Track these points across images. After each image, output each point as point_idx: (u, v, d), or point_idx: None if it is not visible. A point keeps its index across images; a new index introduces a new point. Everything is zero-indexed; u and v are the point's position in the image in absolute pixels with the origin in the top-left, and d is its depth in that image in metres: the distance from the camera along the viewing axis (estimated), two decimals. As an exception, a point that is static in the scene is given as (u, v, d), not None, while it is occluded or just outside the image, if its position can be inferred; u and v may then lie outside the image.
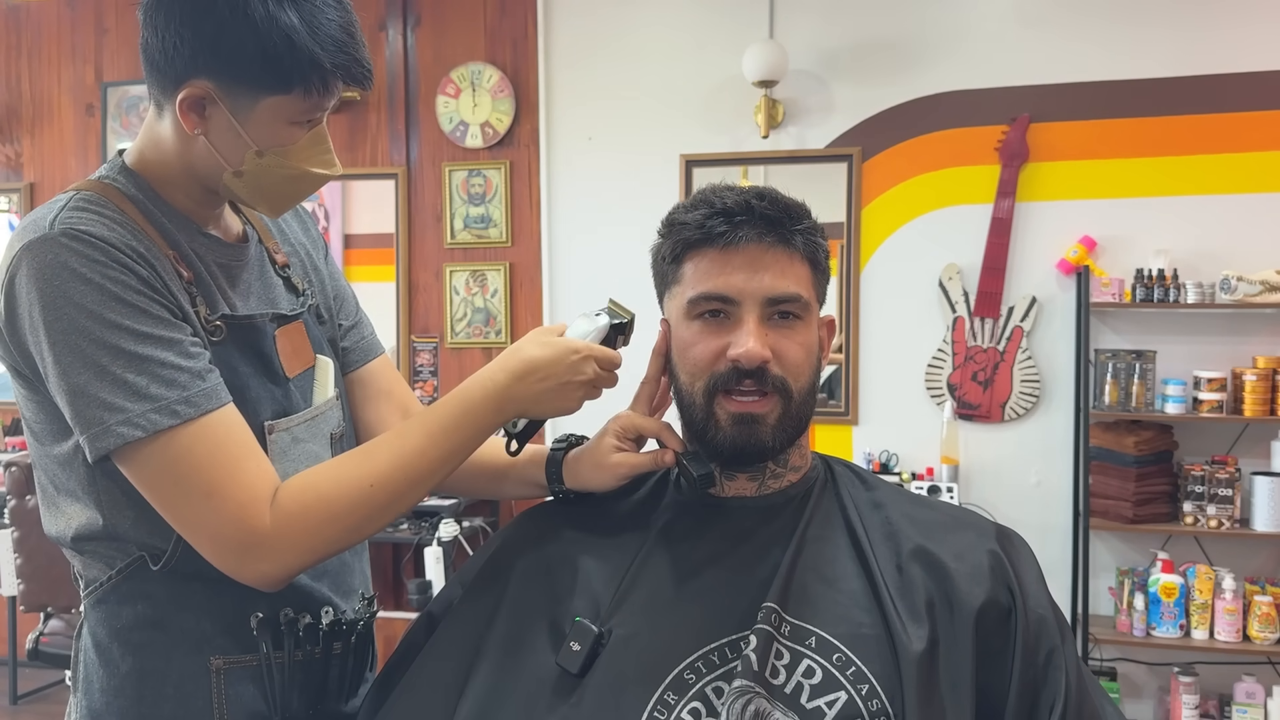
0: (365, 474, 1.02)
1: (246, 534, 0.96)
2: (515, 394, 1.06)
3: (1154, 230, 3.44)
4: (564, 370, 1.07)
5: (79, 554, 1.06)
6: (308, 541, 0.99)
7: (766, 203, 1.04)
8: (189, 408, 0.96)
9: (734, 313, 1.04)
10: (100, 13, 4.33)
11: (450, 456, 1.06)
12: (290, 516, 0.98)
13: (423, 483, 1.05)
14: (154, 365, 0.95)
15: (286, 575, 1.01)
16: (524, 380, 1.06)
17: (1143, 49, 3.44)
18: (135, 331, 0.95)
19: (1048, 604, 1.01)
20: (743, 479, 1.10)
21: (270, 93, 0.99)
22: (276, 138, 1.02)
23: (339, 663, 1.14)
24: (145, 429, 0.94)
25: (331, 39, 0.99)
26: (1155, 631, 3.28)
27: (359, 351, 1.28)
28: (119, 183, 1.04)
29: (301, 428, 1.11)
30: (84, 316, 0.93)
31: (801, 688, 0.93)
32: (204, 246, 1.08)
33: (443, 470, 1.06)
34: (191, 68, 0.98)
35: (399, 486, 1.03)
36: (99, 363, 0.93)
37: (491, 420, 1.07)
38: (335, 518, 1.00)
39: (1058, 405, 3.55)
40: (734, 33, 3.70)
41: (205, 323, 1.03)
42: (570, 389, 1.08)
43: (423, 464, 1.04)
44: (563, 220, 3.96)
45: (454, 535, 3.51)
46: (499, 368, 1.08)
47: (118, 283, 0.95)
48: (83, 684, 1.07)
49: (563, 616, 1.03)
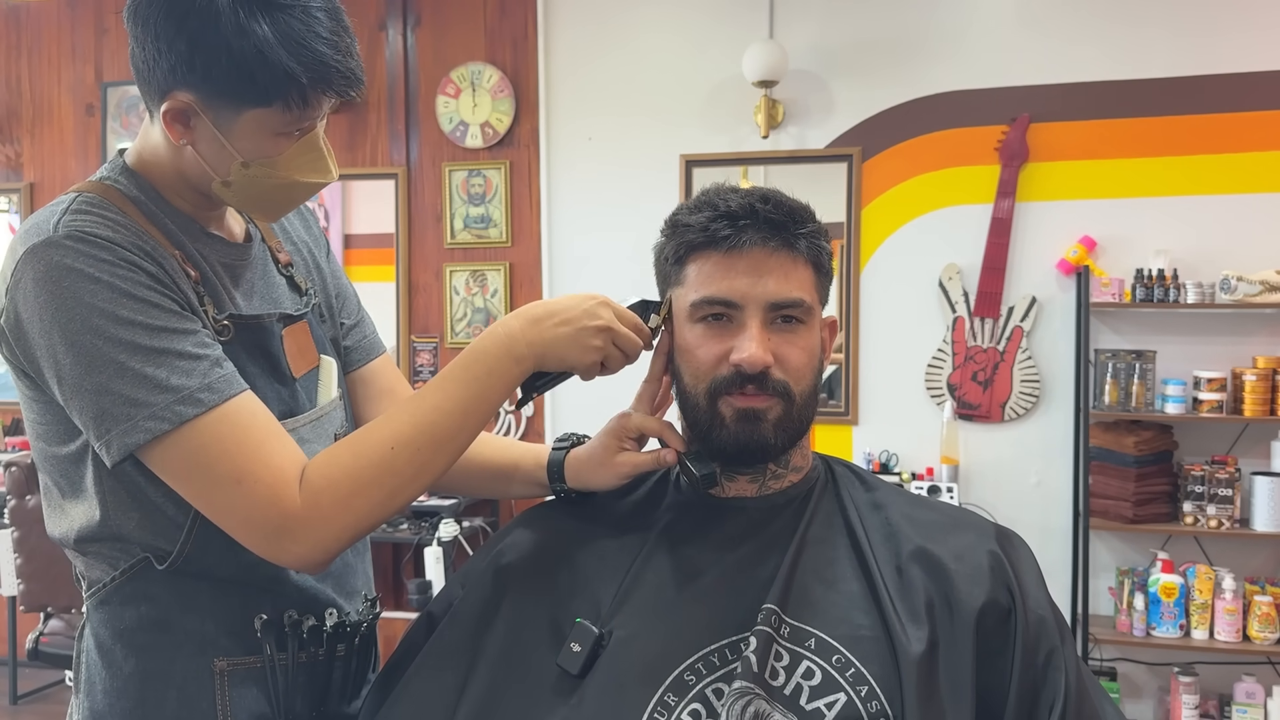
0: (385, 437, 0.99)
1: (279, 517, 0.95)
2: (530, 337, 1.03)
3: (1154, 230, 3.44)
4: (580, 315, 1.04)
5: (82, 555, 1.05)
6: (340, 518, 0.97)
7: (771, 206, 1.04)
8: (212, 394, 0.95)
9: (737, 317, 1.04)
10: (100, 13, 4.33)
11: (470, 409, 1.02)
12: (319, 493, 0.96)
13: (446, 441, 1.02)
14: (172, 357, 0.94)
15: (324, 555, 0.98)
16: (539, 324, 1.04)
17: (1142, 49, 3.44)
18: (150, 325, 0.94)
19: (1047, 605, 1.01)
20: (743, 480, 1.10)
21: (251, 105, 0.97)
22: (262, 149, 1.00)
23: (342, 664, 1.13)
24: (172, 420, 0.93)
25: (308, 51, 0.95)
26: (1155, 631, 3.29)
27: (361, 350, 1.28)
28: (120, 184, 1.04)
29: (307, 428, 1.10)
30: (97, 316, 0.93)
31: (801, 689, 0.93)
32: (208, 247, 1.07)
33: (465, 426, 1.03)
34: (172, 80, 0.96)
35: (421, 446, 1.00)
36: (117, 360, 0.93)
37: (508, 368, 1.03)
38: (363, 487, 0.98)
39: (1058, 405, 3.55)
40: (734, 33, 3.70)
41: (213, 322, 1.03)
42: (586, 335, 1.04)
43: (441, 419, 1.01)
44: (563, 220, 3.96)
45: (454, 535, 3.52)
46: (515, 313, 1.06)
47: (127, 280, 0.94)
48: (85, 685, 1.06)
49: (563, 617, 1.03)
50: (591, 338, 1.05)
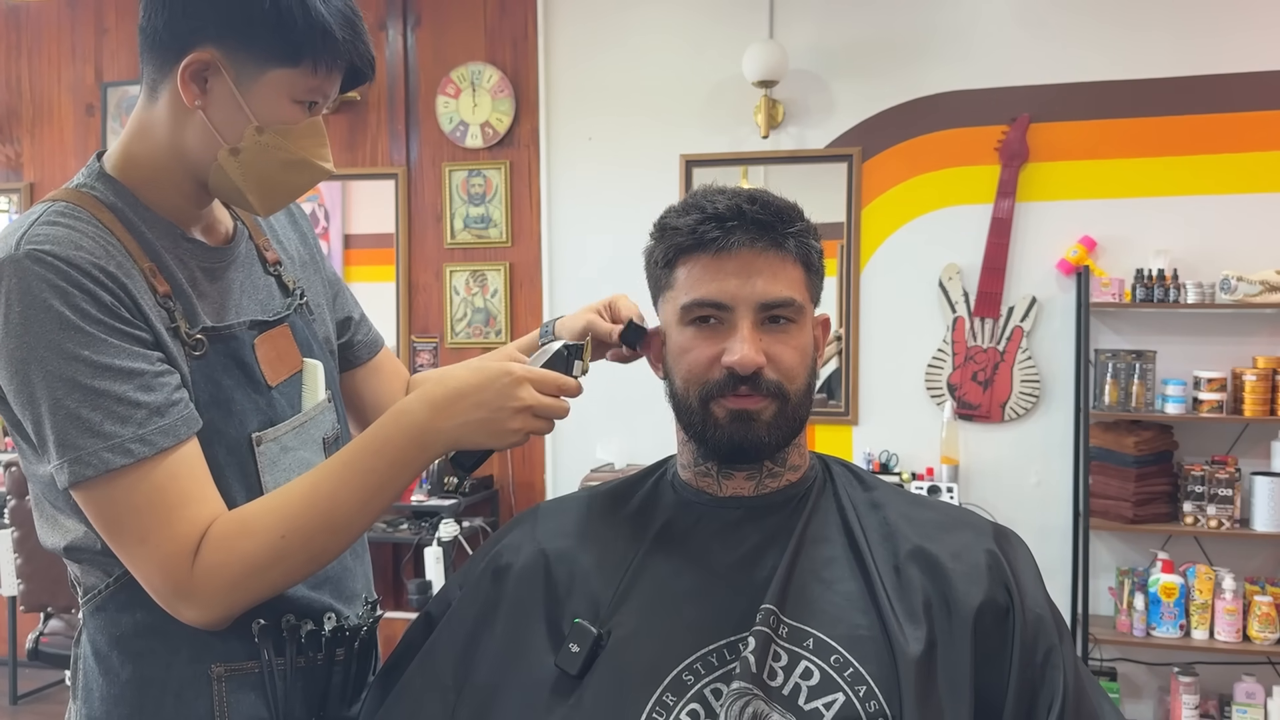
0: (277, 523, 0.97)
1: (173, 584, 0.95)
2: (438, 427, 0.99)
3: (1154, 230, 3.44)
4: (494, 396, 0.99)
5: (77, 562, 1.05)
6: (229, 595, 0.97)
7: (758, 206, 1.04)
8: (143, 446, 0.93)
9: (727, 319, 1.03)
10: (100, 13, 4.33)
11: (370, 500, 0.99)
12: (210, 570, 0.96)
13: (343, 529, 1.00)
14: (110, 401, 0.93)
15: (218, 620, 0.98)
16: (447, 411, 0.99)
17: (1142, 49, 3.44)
18: (93, 363, 0.92)
19: (1045, 604, 1.01)
20: (740, 478, 1.09)
21: (278, 63, 0.98)
22: (279, 114, 1.00)
23: (342, 669, 1.12)
24: (98, 468, 0.92)
25: (344, 18, 1.01)
26: (1155, 631, 3.29)
27: (366, 346, 1.30)
28: (97, 190, 1.02)
29: (289, 435, 1.09)
30: (43, 347, 0.91)
31: (799, 689, 0.93)
32: (186, 252, 1.05)
33: (364, 514, 1.00)
34: (199, 34, 0.97)
35: (314, 534, 0.98)
36: (54, 396, 0.92)
37: (416, 457, 0.99)
38: (255, 571, 0.97)
39: (1058, 405, 3.55)
40: (734, 33, 3.70)
41: (186, 338, 1.01)
42: (504, 417, 0.99)
43: (337, 509, 0.98)
44: (563, 220, 3.96)
45: (454, 535, 3.52)
46: (419, 398, 1.00)
47: (77, 310, 0.92)
48: (82, 692, 1.06)
49: (561, 617, 1.02)
50: (509, 420, 0.99)
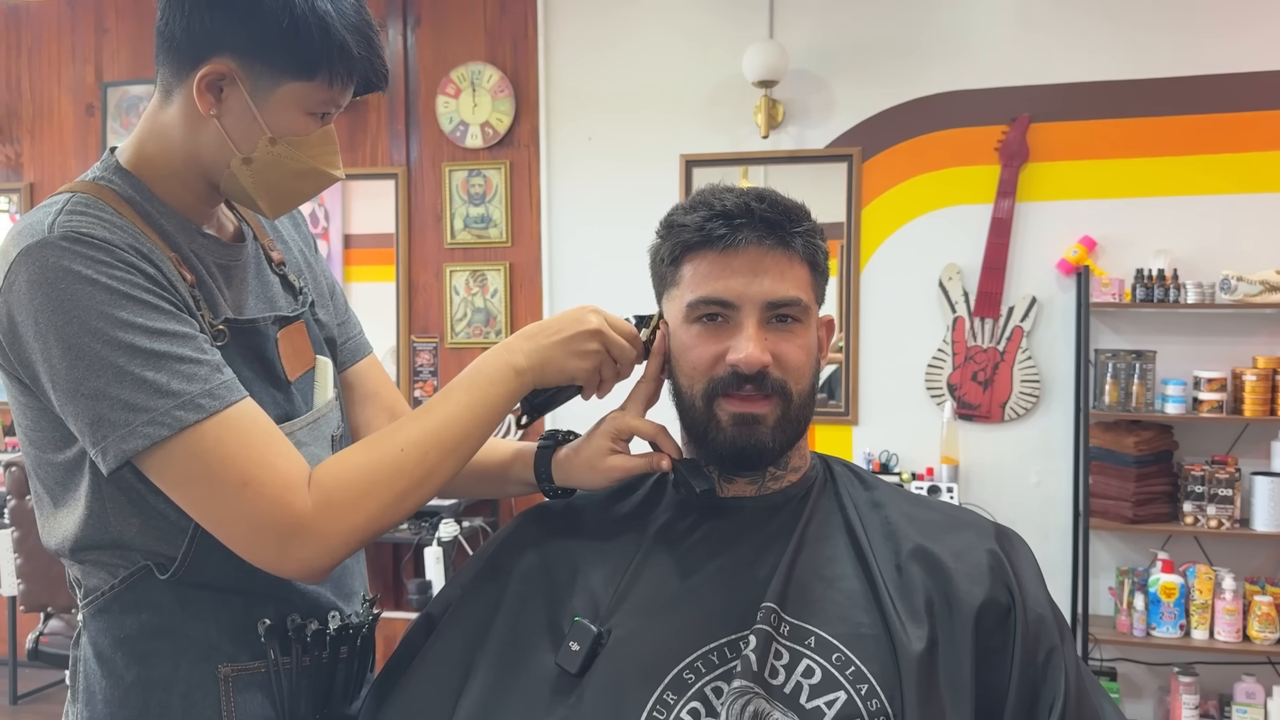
0: (396, 441, 1.01)
1: (288, 519, 0.93)
2: (526, 349, 1.07)
3: (1154, 230, 3.44)
4: (571, 323, 1.08)
5: (79, 563, 1.03)
6: (349, 517, 0.96)
7: (766, 205, 1.04)
8: (213, 400, 0.93)
9: (733, 317, 1.03)
10: (100, 13, 4.33)
11: (476, 416, 1.05)
12: (329, 492, 0.95)
13: (454, 447, 1.03)
14: (172, 361, 0.92)
15: (330, 560, 0.97)
16: (534, 337, 1.08)
17: (1142, 49, 3.44)
18: (149, 328, 0.92)
19: (1047, 603, 1.01)
20: (742, 481, 1.09)
21: (293, 77, 0.98)
22: (291, 125, 1.01)
23: (345, 666, 1.13)
24: (172, 426, 0.91)
25: (360, 33, 1.01)
26: (1155, 631, 3.29)
27: (348, 352, 1.26)
28: (114, 184, 1.02)
29: (304, 431, 1.09)
30: (94, 318, 0.91)
31: (801, 688, 0.93)
32: (203, 247, 1.06)
33: (471, 433, 1.05)
34: (216, 44, 0.97)
35: (429, 449, 1.01)
36: (115, 364, 0.91)
37: (508, 377, 1.06)
38: (373, 487, 0.98)
39: (1058, 405, 3.55)
40: (734, 33, 3.70)
41: (209, 327, 1.02)
42: (579, 340, 1.07)
43: (449, 425, 1.03)
44: (563, 220, 3.96)
45: (454, 535, 3.52)
46: (513, 335, 1.11)
47: (125, 281, 0.92)
48: (84, 694, 1.04)
49: (562, 616, 1.03)
50: (585, 342, 1.08)
